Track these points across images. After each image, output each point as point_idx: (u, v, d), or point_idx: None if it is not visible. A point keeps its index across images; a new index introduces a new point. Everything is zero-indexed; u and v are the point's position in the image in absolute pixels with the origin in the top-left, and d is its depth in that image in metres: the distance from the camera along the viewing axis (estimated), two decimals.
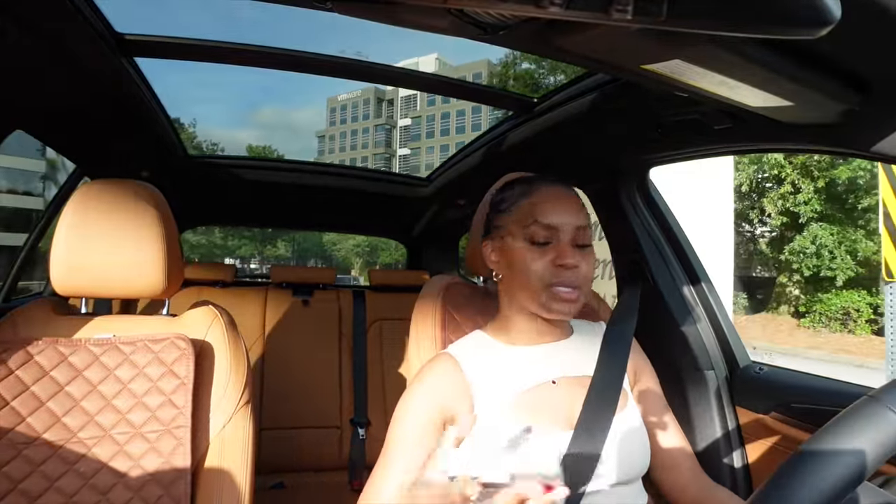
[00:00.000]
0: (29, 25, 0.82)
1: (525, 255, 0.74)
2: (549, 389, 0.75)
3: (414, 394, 0.75)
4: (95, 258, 0.85)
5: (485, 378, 0.75)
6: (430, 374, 0.77)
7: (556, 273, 0.73)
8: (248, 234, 31.43)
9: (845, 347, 10.28)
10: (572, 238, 0.75)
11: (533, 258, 0.74)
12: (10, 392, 0.79)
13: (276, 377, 1.93)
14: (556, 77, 14.61)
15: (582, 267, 0.74)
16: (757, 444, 1.09)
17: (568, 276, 0.73)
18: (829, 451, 0.43)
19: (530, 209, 0.76)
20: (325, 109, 57.43)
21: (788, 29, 0.41)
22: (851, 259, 11.17)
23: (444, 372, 0.76)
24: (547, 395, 0.75)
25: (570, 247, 0.74)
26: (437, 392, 0.74)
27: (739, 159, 10.51)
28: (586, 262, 0.75)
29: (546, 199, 0.76)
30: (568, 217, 0.75)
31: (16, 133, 1.14)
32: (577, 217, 0.76)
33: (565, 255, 0.73)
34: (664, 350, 1.26)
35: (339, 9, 0.48)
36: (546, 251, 0.74)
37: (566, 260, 0.72)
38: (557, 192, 0.77)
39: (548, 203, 0.75)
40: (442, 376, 0.75)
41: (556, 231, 0.74)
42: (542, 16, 0.41)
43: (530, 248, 0.74)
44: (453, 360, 0.77)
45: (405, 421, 0.73)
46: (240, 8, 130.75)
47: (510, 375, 0.76)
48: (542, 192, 0.77)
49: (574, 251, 0.74)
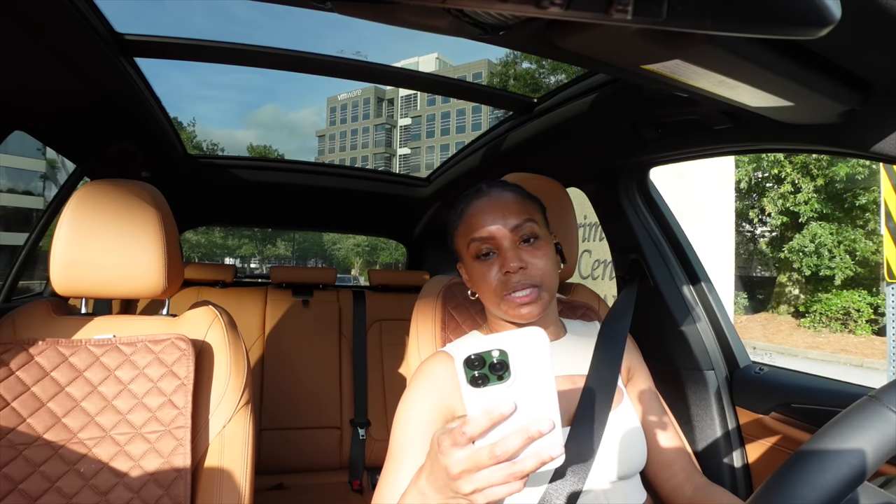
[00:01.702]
0: (29, 26, 0.82)
1: (478, 272, 0.76)
2: None
3: (414, 393, 0.75)
4: (95, 258, 0.85)
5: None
6: (428, 373, 0.77)
7: (505, 282, 0.73)
8: (248, 234, 31.45)
9: (846, 348, 10.27)
10: (512, 241, 0.74)
11: (482, 273, 0.75)
12: (11, 393, 0.79)
13: (275, 378, 1.93)
14: (557, 77, 14.61)
15: (533, 264, 0.73)
16: (757, 444, 1.09)
17: (518, 281, 0.73)
18: (829, 452, 0.43)
19: (466, 228, 0.77)
20: (325, 109, 57.52)
21: (788, 29, 0.41)
22: (850, 259, 11.17)
23: (442, 371, 0.76)
24: None
25: (512, 251, 0.73)
26: (436, 390, 0.74)
27: (739, 157, 10.51)
28: (536, 256, 0.74)
29: (475, 212, 0.77)
30: (500, 221, 0.74)
31: (16, 133, 1.14)
32: (512, 217, 0.75)
33: (506, 261, 0.73)
34: (664, 350, 1.26)
35: (339, 9, 0.48)
36: (492, 263, 0.75)
37: (509, 265, 0.72)
38: (487, 201, 0.77)
39: (476, 216, 0.76)
40: (440, 375, 0.75)
41: (493, 240, 0.74)
42: (542, 16, 0.41)
43: (478, 263, 0.76)
44: (450, 357, 0.78)
45: (407, 421, 0.73)
46: (239, 8, 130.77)
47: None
48: (472, 207, 0.78)
49: (517, 253, 0.73)
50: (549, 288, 0.75)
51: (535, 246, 0.75)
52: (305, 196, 2.15)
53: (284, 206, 2.28)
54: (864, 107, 0.68)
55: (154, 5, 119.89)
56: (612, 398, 0.77)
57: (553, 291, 0.76)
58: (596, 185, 1.37)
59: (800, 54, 0.59)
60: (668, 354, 1.25)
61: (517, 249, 0.74)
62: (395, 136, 51.73)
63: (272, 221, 2.71)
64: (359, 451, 1.90)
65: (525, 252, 0.74)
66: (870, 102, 0.67)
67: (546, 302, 0.74)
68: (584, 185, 1.41)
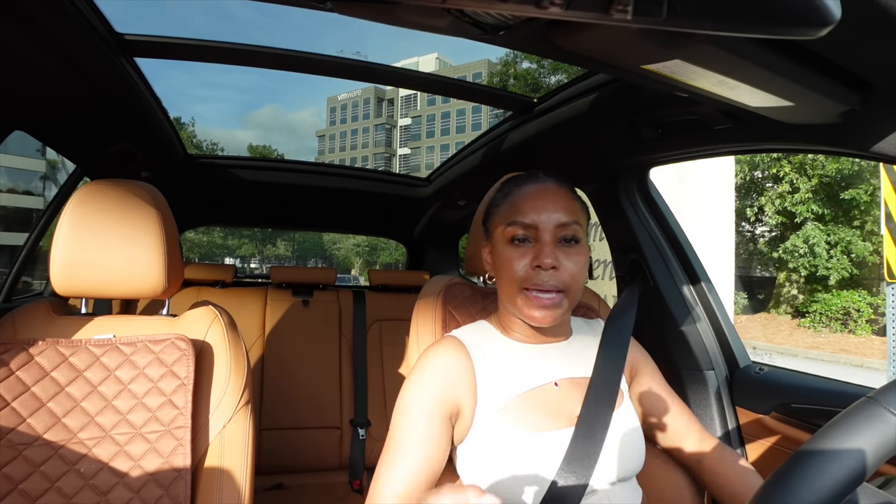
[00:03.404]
0: (29, 26, 0.82)
1: (506, 256, 0.72)
2: (550, 391, 0.74)
3: (419, 380, 0.71)
4: (95, 258, 0.85)
5: (490, 370, 0.73)
6: (438, 356, 0.72)
7: (532, 275, 0.69)
8: (248, 234, 31.47)
9: (846, 348, 10.28)
10: (554, 236, 0.70)
11: (511, 258, 0.71)
12: (11, 393, 0.79)
13: (275, 378, 1.93)
14: (557, 77, 14.61)
15: (566, 267, 0.69)
16: (757, 444, 1.09)
17: (545, 278, 0.68)
18: (827, 453, 0.43)
19: (512, 208, 0.73)
20: (325, 109, 57.51)
21: (788, 29, 0.41)
22: (847, 259, 11.18)
23: (454, 356, 0.72)
24: (548, 396, 0.74)
25: (550, 246, 0.69)
26: (445, 377, 0.70)
27: (738, 157, 10.53)
28: (572, 261, 0.70)
29: (525, 196, 0.73)
30: (549, 213, 0.70)
31: (16, 133, 1.14)
32: (561, 213, 0.71)
33: (544, 254, 0.68)
34: (664, 350, 1.26)
35: (339, 9, 0.48)
36: (525, 251, 0.70)
37: (543, 260, 0.68)
38: (542, 188, 0.73)
39: (526, 200, 0.72)
40: (451, 360, 0.72)
41: (535, 229, 0.70)
42: (542, 16, 0.41)
43: (511, 247, 0.72)
44: (462, 344, 0.74)
45: (410, 408, 0.69)
46: (239, 8, 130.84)
47: (514, 372, 0.74)
48: (525, 190, 0.74)
49: (555, 250, 0.69)
50: (572, 296, 0.71)
51: (573, 249, 0.71)
52: (305, 196, 2.15)
53: (284, 206, 2.28)
54: (864, 107, 0.68)
55: (154, 5, 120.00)
56: (615, 399, 0.75)
57: (574, 302, 0.73)
58: (596, 185, 1.37)
59: (800, 54, 0.59)
60: (668, 354, 1.25)
61: (555, 247, 0.70)
62: (395, 136, 51.74)
63: (272, 221, 2.71)
64: (359, 451, 1.90)
65: (562, 252, 0.70)
66: (870, 102, 0.67)
67: (565, 311, 0.71)
68: (585, 185, 1.41)
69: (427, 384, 0.70)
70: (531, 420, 0.70)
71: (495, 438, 0.69)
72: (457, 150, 1.88)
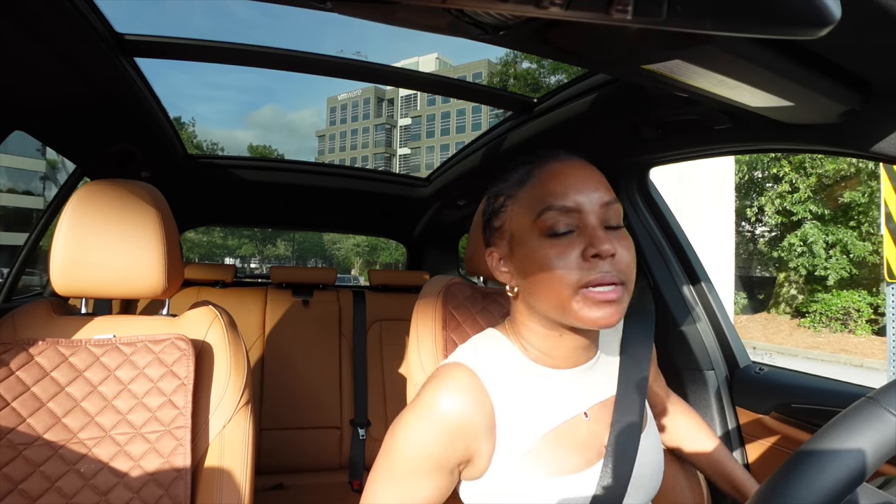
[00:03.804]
0: (29, 26, 0.82)
1: (544, 254, 0.57)
2: (580, 424, 0.63)
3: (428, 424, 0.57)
4: (95, 258, 0.85)
5: (511, 407, 0.60)
6: (449, 399, 0.58)
7: (589, 268, 0.55)
8: (248, 234, 31.48)
9: (845, 348, 10.28)
10: (600, 219, 0.58)
11: (557, 254, 0.56)
12: (11, 393, 0.79)
13: (276, 378, 1.93)
14: (557, 77, 14.61)
15: (622, 255, 0.57)
16: (757, 444, 1.09)
17: (608, 271, 0.55)
18: (827, 454, 0.43)
19: (539, 194, 0.59)
20: (325, 109, 57.53)
21: (788, 29, 0.41)
22: (846, 259, 11.19)
23: (470, 399, 0.58)
24: (578, 431, 0.62)
25: (601, 230, 0.57)
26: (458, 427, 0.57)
27: (737, 156, 10.54)
28: (625, 246, 0.58)
29: (554, 176, 0.59)
30: (590, 192, 0.58)
31: (16, 133, 1.14)
32: (602, 191, 0.59)
33: (598, 240, 0.55)
34: (664, 350, 1.26)
35: (339, 9, 0.48)
36: (572, 242, 0.56)
37: (602, 247, 0.55)
38: (570, 165, 0.60)
39: (556, 179, 0.59)
40: (467, 406, 0.58)
41: (579, 214, 0.57)
42: (541, 16, 0.41)
43: (550, 242, 0.57)
44: (476, 378, 0.60)
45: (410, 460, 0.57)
46: (239, 8, 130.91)
47: (540, 407, 0.61)
48: (547, 169, 0.60)
49: (608, 234, 0.57)
50: (630, 291, 0.58)
51: (622, 234, 0.59)
52: (305, 196, 2.15)
53: (284, 206, 2.28)
54: (865, 107, 0.68)
55: (154, 5, 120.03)
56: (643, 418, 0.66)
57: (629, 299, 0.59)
58: None
59: (800, 54, 0.59)
60: (668, 354, 1.25)
61: (606, 231, 0.57)
62: (395, 136, 51.75)
63: (272, 221, 2.72)
64: (359, 451, 1.90)
65: (613, 238, 0.57)
66: (870, 102, 0.68)
67: (624, 311, 0.57)
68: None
69: (432, 433, 0.57)
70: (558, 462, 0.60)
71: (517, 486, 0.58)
72: (457, 150, 1.88)
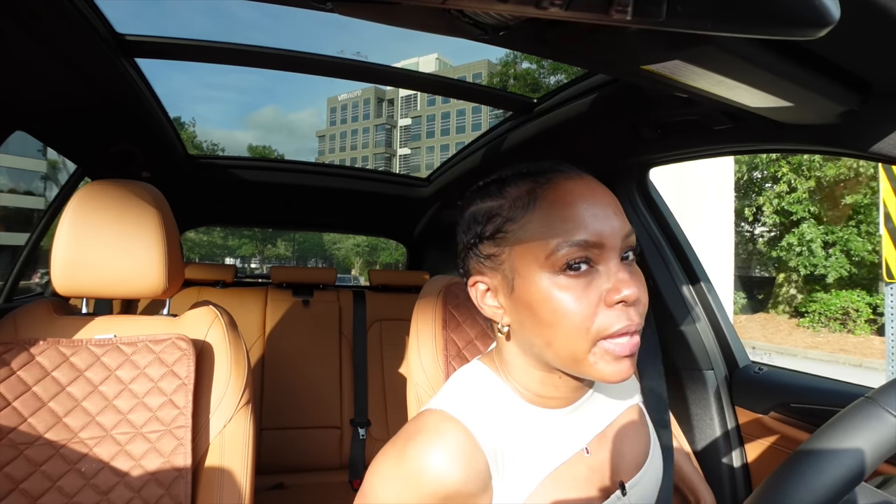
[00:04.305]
0: (30, 26, 0.82)
1: (557, 295, 0.48)
2: (580, 461, 0.57)
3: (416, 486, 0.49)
4: (96, 258, 0.85)
5: (507, 456, 0.53)
6: (442, 461, 0.50)
7: (611, 317, 0.48)
8: (249, 234, 31.49)
9: (845, 347, 10.29)
10: (619, 253, 0.49)
11: (574, 297, 0.47)
12: (12, 392, 0.80)
13: (276, 377, 1.94)
14: (557, 77, 14.62)
15: (641, 297, 0.49)
16: (756, 443, 1.10)
17: (631, 317, 0.48)
18: (825, 453, 0.43)
19: (551, 221, 0.49)
20: (325, 109, 57.55)
21: (788, 29, 0.41)
22: (846, 258, 11.20)
23: (462, 460, 0.50)
24: (578, 469, 0.56)
25: (621, 269, 0.49)
26: (452, 492, 0.49)
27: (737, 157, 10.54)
28: (642, 285, 0.50)
29: (572, 200, 0.49)
30: (612, 221, 0.49)
31: (17, 133, 1.15)
32: (622, 219, 0.51)
33: (623, 283, 0.47)
34: (664, 350, 1.26)
35: (339, 9, 0.48)
36: (591, 282, 0.48)
37: (627, 292, 0.47)
38: (586, 185, 0.51)
39: (576, 205, 0.49)
40: (460, 468, 0.50)
41: (600, 249, 0.48)
42: (541, 16, 0.42)
43: (564, 281, 0.48)
44: (469, 436, 0.52)
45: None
46: (239, 9, 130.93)
47: (537, 451, 0.55)
48: (562, 190, 0.50)
49: (631, 276, 0.49)
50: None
51: (636, 268, 0.52)
52: (306, 196, 2.16)
53: (285, 206, 2.29)
54: (864, 107, 0.68)
55: (154, 6, 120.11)
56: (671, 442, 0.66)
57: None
58: None
59: (799, 55, 0.59)
60: (667, 354, 1.25)
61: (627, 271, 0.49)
62: (395, 137, 51.76)
63: (272, 221, 2.72)
64: (359, 451, 1.91)
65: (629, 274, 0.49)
66: (869, 103, 0.68)
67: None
68: None
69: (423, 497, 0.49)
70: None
71: None
72: (457, 150, 1.89)
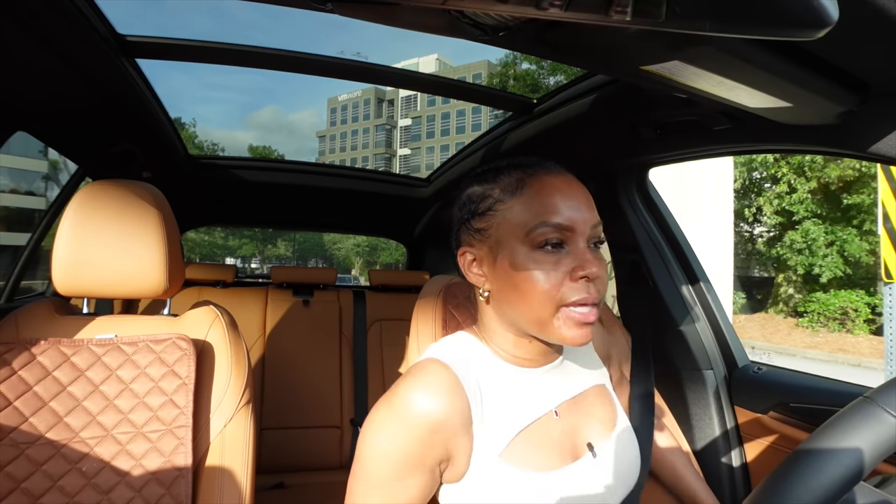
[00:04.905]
0: (31, 27, 0.82)
1: (531, 267, 0.57)
2: (550, 422, 0.64)
3: (405, 420, 0.56)
4: (97, 258, 0.85)
5: (487, 407, 0.61)
6: (427, 395, 0.57)
7: (574, 289, 0.57)
8: (249, 234, 31.49)
9: (844, 347, 10.30)
10: (588, 239, 0.59)
11: (544, 270, 0.57)
12: (13, 392, 0.80)
13: (276, 377, 1.94)
14: (556, 78, 14.62)
15: (602, 277, 0.58)
16: (755, 443, 1.10)
17: (591, 293, 0.57)
18: (824, 453, 0.43)
19: (534, 206, 0.58)
20: (326, 109, 57.53)
21: (787, 30, 0.42)
22: (840, 258, 11.20)
23: (445, 394, 0.58)
24: (549, 429, 0.63)
25: (589, 251, 0.58)
26: (437, 423, 0.56)
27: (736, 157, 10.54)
28: (603, 268, 0.59)
29: (550, 189, 0.59)
30: (584, 212, 0.59)
31: (18, 133, 1.15)
32: (592, 211, 0.60)
33: (588, 262, 0.57)
34: (663, 350, 1.26)
35: (339, 10, 0.48)
36: (560, 259, 0.57)
37: (589, 270, 0.56)
38: (564, 181, 0.61)
39: (553, 194, 0.59)
40: (444, 401, 0.57)
41: (571, 232, 0.58)
42: (541, 17, 0.42)
43: (539, 255, 0.57)
44: (452, 374, 0.60)
45: (389, 454, 0.56)
46: (240, 9, 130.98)
47: (512, 405, 0.62)
48: (544, 181, 0.60)
49: (593, 257, 0.58)
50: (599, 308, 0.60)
51: (600, 254, 0.60)
52: (306, 196, 2.16)
53: (285, 206, 2.29)
54: (862, 108, 0.69)
55: (155, 7, 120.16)
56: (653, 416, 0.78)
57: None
58: (595, 186, 1.37)
59: (798, 55, 0.59)
60: (667, 354, 1.25)
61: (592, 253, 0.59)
62: (395, 137, 51.75)
63: (273, 221, 2.72)
64: None
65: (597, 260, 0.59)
66: (868, 103, 0.68)
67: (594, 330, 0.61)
68: (584, 185, 1.41)
69: (410, 432, 0.56)
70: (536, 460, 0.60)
71: (498, 485, 0.58)
72: (457, 150, 1.89)
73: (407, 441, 0.55)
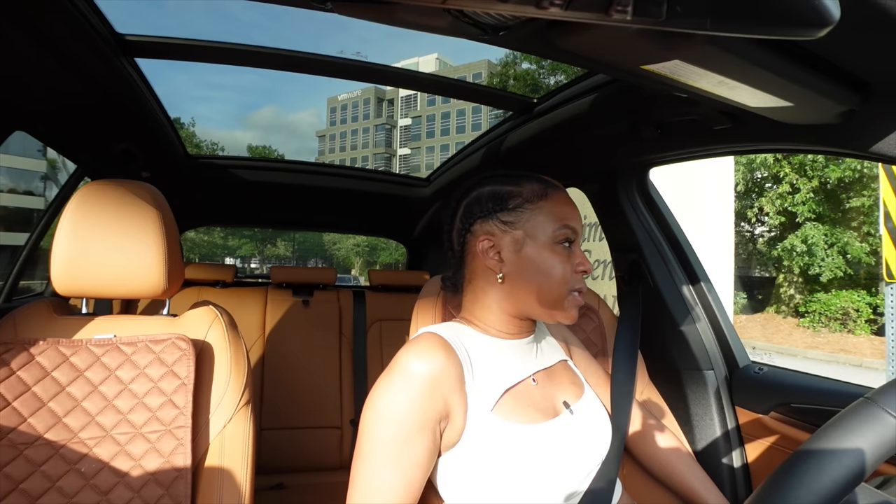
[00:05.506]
0: (30, 26, 0.82)
1: (552, 258, 0.72)
2: (529, 387, 0.75)
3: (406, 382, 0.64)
4: (96, 258, 0.85)
5: (476, 368, 0.71)
6: (422, 357, 0.66)
7: (577, 279, 0.74)
8: (249, 234, 31.49)
9: (845, 347, 10.29)
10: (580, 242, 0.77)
11: (561, 262, 0.72)
12: (12, 392, 0.80)
13: (276, 377, 1.93)
14: (556, 77, 14.62)
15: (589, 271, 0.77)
16: (756, 443, 1.10)
17: (583, 282, 0.75)
18: (825, 454, 0.43)
19: (558, 211, 0.74)
20: (325, 109, 57.51)
21: (788, 29, 0.41)
22: (842, 259, 11.20)
23: (439, 355, 0.67)
24: (529, 392, 0.75)
25: (581, 251, 0.76)
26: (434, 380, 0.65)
27: (737, 158, 10.54)
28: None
29: (562, 201, 0.76)
30: (580, 222, 0.77)
31: (17, 133, 1.15)
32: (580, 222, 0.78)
33: (585, 260, 0.75)
34: (664, 350, 1.26)
35: (339, 9, 0.48)
36: (569, 255, 0.74)
37: (587, 264, 0.74)
38: (567, 195, 0.78)
39: (564, 205, 0.76)
40: (438, 361, 0.67)
41: (576, 236, 0.75)
42: (541, 16, 0.42)
43: (559, 249, 0.73)
44: (443, 340, 0.70)
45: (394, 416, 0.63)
46: (239, 9, 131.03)
47: (497, 369, 0.73)
48: (559, 195, 0.76)
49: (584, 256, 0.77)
50: None
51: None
52: (306, 196, 2.16)
53: (285, 206, 2.28)
54: (863, 107, 0.68)
55: (155, 6, 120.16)
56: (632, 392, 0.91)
57: None
58: (596, 186, 1.37)
59: (799, 55, 0.59)
60: (667, 354, 1.25)
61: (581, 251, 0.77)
62: (395, 137, 51.73)
63: (272, 221, 2.72)
64: None
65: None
66: (869, 103, 0.68)
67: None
68: (584, 185, 1.41)
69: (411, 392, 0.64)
70: (522, 415, 0.71)
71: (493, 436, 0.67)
72: (457, 150, 1.88)
73: (409, 399, 0.63)
